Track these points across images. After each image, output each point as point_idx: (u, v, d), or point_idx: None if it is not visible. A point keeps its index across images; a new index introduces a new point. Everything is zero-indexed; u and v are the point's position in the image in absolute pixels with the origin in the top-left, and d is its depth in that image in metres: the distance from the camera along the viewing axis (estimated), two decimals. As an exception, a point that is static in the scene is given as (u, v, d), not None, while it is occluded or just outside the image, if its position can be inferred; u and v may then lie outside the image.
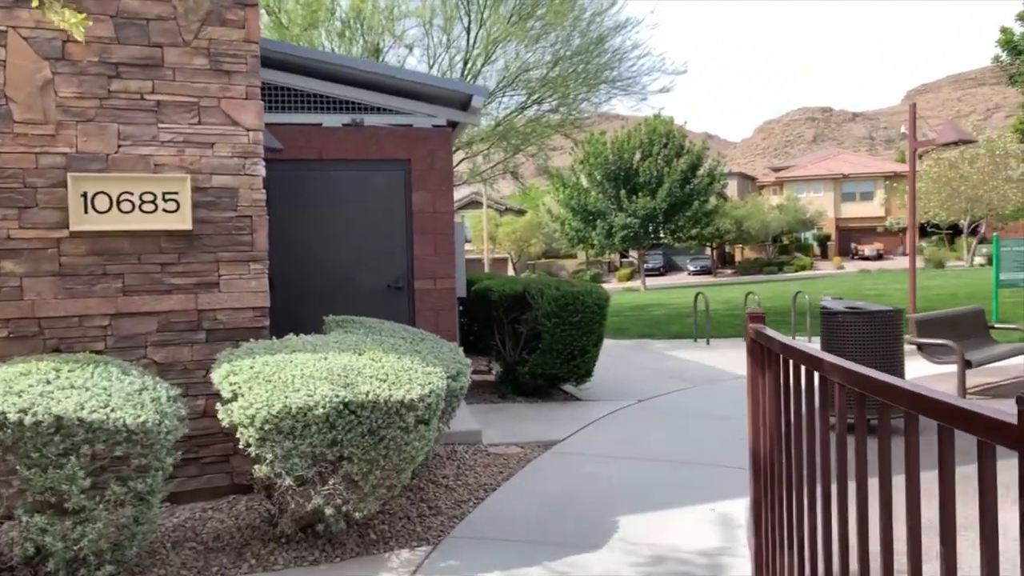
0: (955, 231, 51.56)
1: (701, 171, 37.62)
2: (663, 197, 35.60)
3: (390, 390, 3.74)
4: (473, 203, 63.62)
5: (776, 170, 76.81)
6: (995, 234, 15.09)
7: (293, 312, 7.27)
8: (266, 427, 3.61)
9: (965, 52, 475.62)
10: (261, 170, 4.93)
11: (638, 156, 37.04)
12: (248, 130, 4.88)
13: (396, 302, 7.51)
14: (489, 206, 63.08)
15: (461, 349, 5.23)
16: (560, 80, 15.27)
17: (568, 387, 8.32)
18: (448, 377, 4.50)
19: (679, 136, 37.29)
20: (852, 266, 53.04)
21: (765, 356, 3.11)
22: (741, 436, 6.62)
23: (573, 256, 62.02)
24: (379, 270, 7.53)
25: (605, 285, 56.59)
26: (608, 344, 13.34)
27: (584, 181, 38.02)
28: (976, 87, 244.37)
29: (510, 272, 62.64)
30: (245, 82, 4.86)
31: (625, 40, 15.88)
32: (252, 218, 4.90)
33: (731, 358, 11.69)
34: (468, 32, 15.97)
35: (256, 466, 3.79)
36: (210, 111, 4.80)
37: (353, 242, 7.50)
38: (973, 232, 49.68)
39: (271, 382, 3.76)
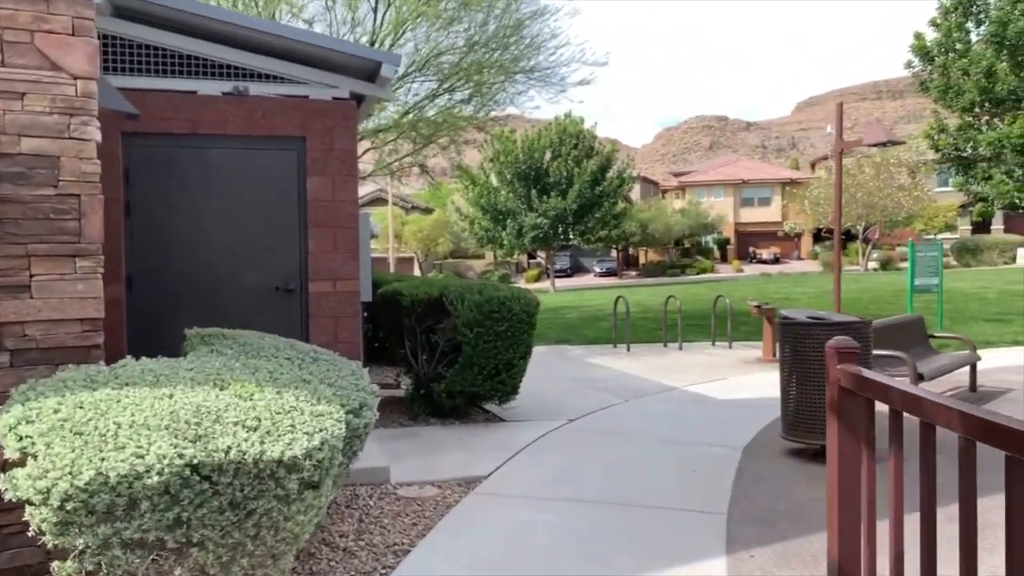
0: (847, 236, 53.79)
1: (611, 173, 37.42)
2: (573, 198, 35.14)
3: (262, 444, 2.60)
4: (378, 200, 61.85)
5: (678, 175, 78.44)
6: (910, 240, 15.11)
7: (156, 322, 5.91)
8: (69, 506, 2.40)
9: (848, 69, 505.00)
10: (95, 133, 3.65)
11: (548, 156, 36.47)
12: (76, 78, 3.60)
13: (286, 308, 6.26)
14: (394, 203, 61.35)
15: (366, 371, 4.10)
16: (475, 67, 14.24)
17: (490, 406, 7.29)
18: (349, 412, 3.38)
19: (589, 137, 36.95)
20: (751, 269, 54.47)
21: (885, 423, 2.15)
22: (691, 464, 5.81)
23: (481, 256, 61.14)
24: (266, 269, 6.26)
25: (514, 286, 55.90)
26: None
27: (494, 180, 37.14)
28: (859, 101, 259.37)
29: (416, 272, 61.11)
30: (71, 11, 3.57)
31: (543, 28, 15.01)
32: (81, 198, 3.62)
33: (654, 366, 10.96)
34: (375, 10, 14.72)
35: (56, 563, 2.56)
36: (18, 49, 3.49)
37: (234, 235, 6.21)
38: (864, 239, 51.95)
39: (82, 435, 2.54)
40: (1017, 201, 14.66)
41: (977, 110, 14.75)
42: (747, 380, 9.66)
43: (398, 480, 5.13)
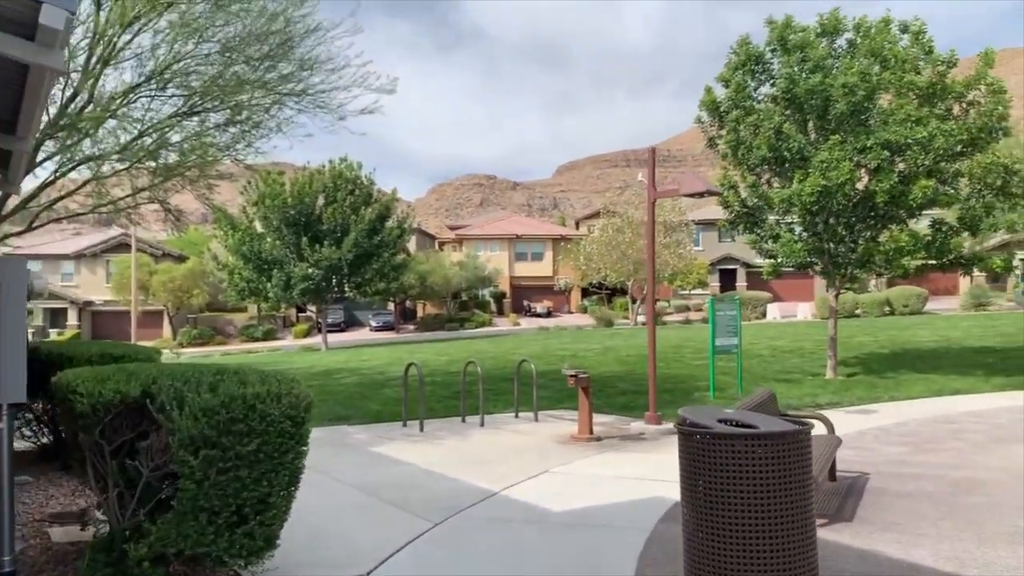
0: (614, 291, 56.17)
1: (390, 223, 35.30)
2: (349, 247, 32.46)
3: None
4: (122, 245, 54.46)
5: (455, 228, 78.43)
6: (711, 297, 14.58)
7: None
8: None
9: (602, 138, 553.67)
10: None
11: (321, 201, 33.56)
12: None
13: None
14: (142, 250, 54.22)
15: None
16: (233, 86, 11.50)
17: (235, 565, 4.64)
18: None
19: (367, 184, 34.64)
20: (527, 322, 54.83)
21: None
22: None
23: (243, 310, 55.68)
24: None
25: (280, 343, 51.30)
26: None
27: (259, 225, 33.39)
28: (611, 167, 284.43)
29: (165, 329, 54.13)
30: None
31: (316, 47, 12.64)
32: None
33: (458, 453, 8.82)
34: (99, 5, 11.47)
35: None
36: None
37: None
38: (632, 296, 54.41)
39: None
40: (806, 260, 14.63)
41: (766, 167, 14.64)
42: (577, 474, 7.82)
43: None
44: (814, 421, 5.13)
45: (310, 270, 32.04)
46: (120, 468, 4.22)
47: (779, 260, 14.82)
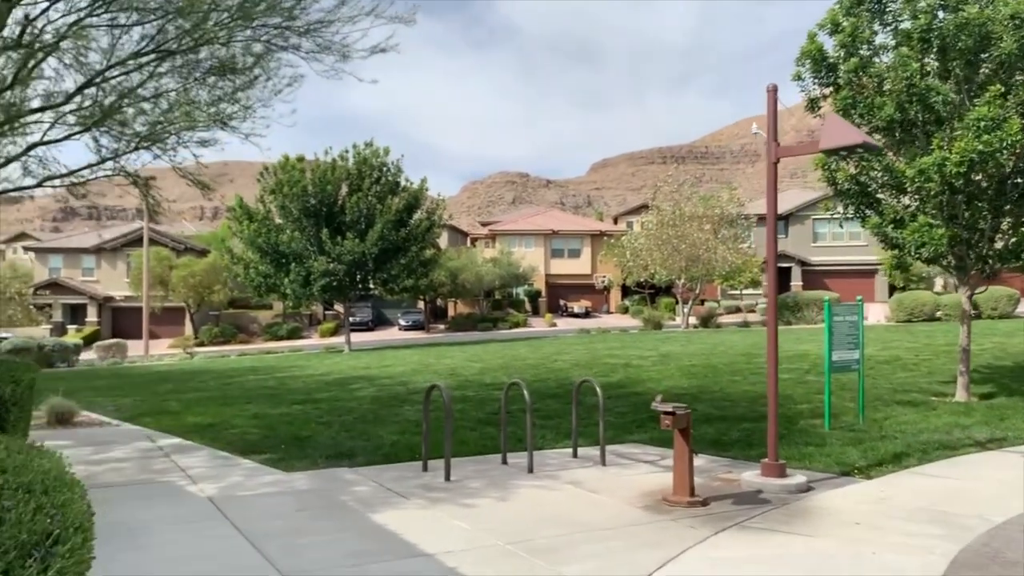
0: (655, 291, 52.72)
1: (419, 214, 32.43)
2: (374, 240, 29.64)
3: None
4: (152, 241, 52.35)
5: (486, 224, 75.56)
6: (826, 299, 11.39)
7: None
8: None
9: (636, 135, 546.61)
10: None
11: (345, 190, 30.81)
12: None
13: None
14: (162, 243, 52.20)
15: None
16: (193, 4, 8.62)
17: None
18: None
19: (395, 171, 31.80)
20: (564, 323, 51.69)
21: None
22: None
23: (268, 307, 53.37)
24: None
25: (304, 342, 48.82)
26: (264, 482, 6.77)
27: (276, 216, 30.75)
28: (647, 164, 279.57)
29: (187, 326, 51.99)
30: None
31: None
32: None
33: (501, 533, 5.76)
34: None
35: None
36: None
37: None
38: (664, 291, 50.89)
39: None
40: (947, 251, 11.32)
41: (891, 133, 11.35)
42: (698, 585, 4.76)
43: None
44: None
45: (332, 265, 29.27)
46: None
47: (908, 251, 11.52)
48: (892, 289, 47.31)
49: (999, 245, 11.95)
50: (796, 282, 51.75)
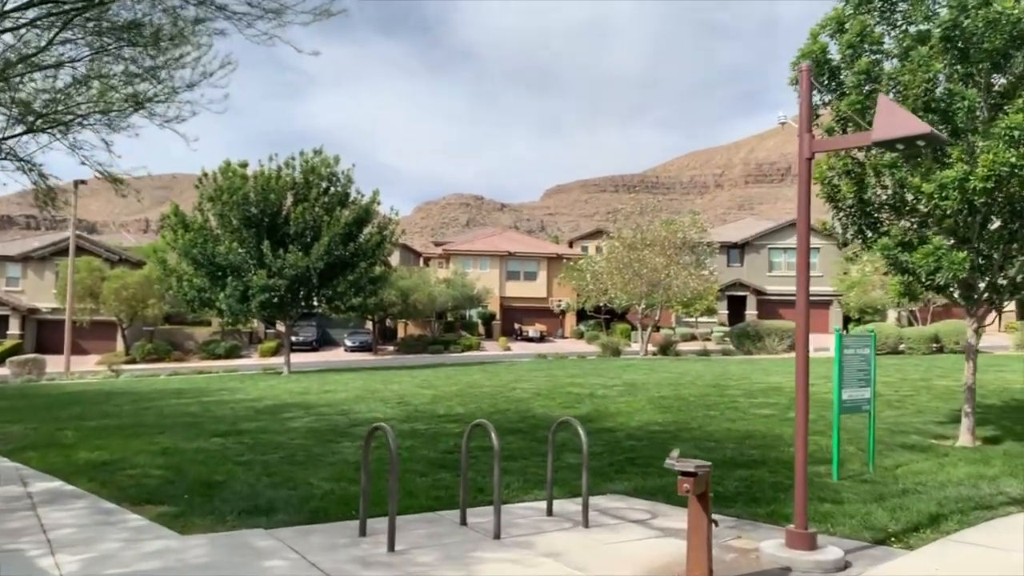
0: (611, 316, 51.58)
1: (369, 228, 30.58)
2: (320, 254, 27.66)
3: None
4: (79, 249, 49.03)
5: (440, 244, 73.89)
6: (837, 329, 10.04)
7: None
8: None
9: (590, 163, 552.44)
10: None
11: (290, 200, 28.81)
12: None
13: None
14: (95, 253, 49.08)
15: None
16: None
17: None
18: None
19: (346, 181, 29.93)
20: (518, 347, 50.07)
21: None
22: None
23: (206, 323, 50.46)
24: None
25: (242, 361, 46.00)
26: (146, 552, 5.44)
27: (214, 224, 28.56)
28: (599, 192, 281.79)
29: (119, 343, 48.78)
30: None
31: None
32: None
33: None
34: None
35: None
36: None
37: None
38: (620, 316, 49.69)
39: None
40: (967, 278, 10.10)
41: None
42: None
43: None
44: None
45: (272, 279, 27.16)
46: None
47: (919, 277, 10.25)
48: (847, 320, 46.99)
49: (1012, 272, 10.81)
50: (751, 311, 51.23)
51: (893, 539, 6.62)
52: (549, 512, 7.26)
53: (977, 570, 5.73)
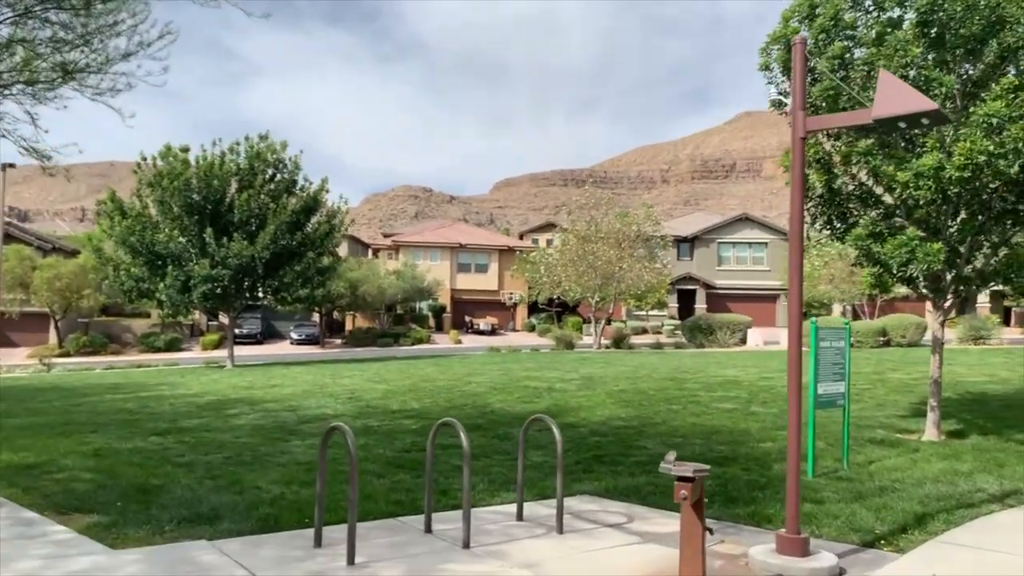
0: (563, 309, 51.40)
1: (317, 217, 29.59)
2: (266, 243, 26.60)
3: None
4: (8, 237, 46.52)
5: (390, 235, 72.72)
6: (813, 320, 9.72)
7: None
8: None
9: (539, 157, 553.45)
10: None
11: (234, 186, 27.63)
12: None
13: None
14: (26, 241, 46.69)
15: None
16: None
17: None
18: None
19: (293, 168, 28.86)
20: (470, 340, 49.48)
21: None
22: None
23: (145, 315, 48.46)
24: None
25: (183, 355, 44.26)
26: (72, 571, 4.64)
27: (154, 211, 27.22)
28: (549, 185, 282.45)
29: (51, 335, 46.46)
30: None
31: None
32: None
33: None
34: None
35: None
36: None
37: None
38: (571, 310, 49.53)
39: None
40: (940, 269, 9.93)
41: (874, 131, 9.87)
42: None
43: None
44: None
45: (215, 269, 26.00)
46: None
47: (893, 269, 10.05)
48: (794, 314, 47.69)
49: (979, 264, 10.73)
50: (700, 304, 51.64)
51: (882, 541, 6.32)
52: (519, 517, 6.76)
53: (974, 571, 5.46)
